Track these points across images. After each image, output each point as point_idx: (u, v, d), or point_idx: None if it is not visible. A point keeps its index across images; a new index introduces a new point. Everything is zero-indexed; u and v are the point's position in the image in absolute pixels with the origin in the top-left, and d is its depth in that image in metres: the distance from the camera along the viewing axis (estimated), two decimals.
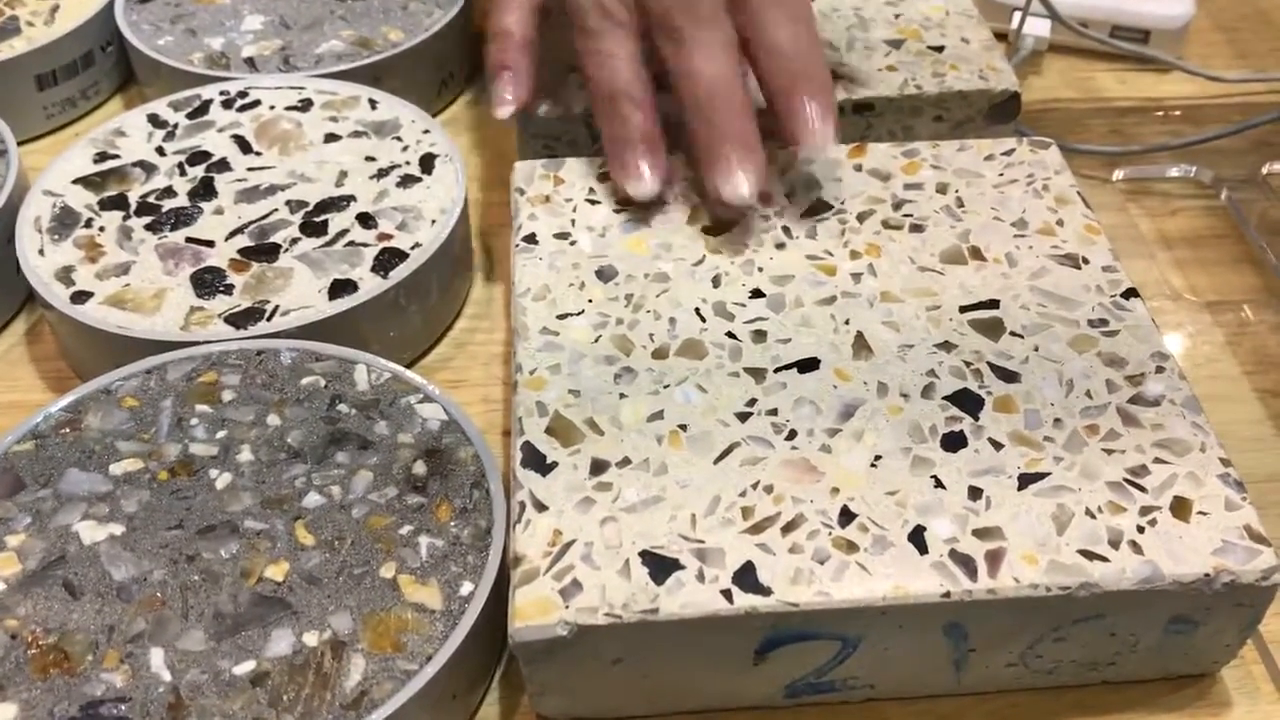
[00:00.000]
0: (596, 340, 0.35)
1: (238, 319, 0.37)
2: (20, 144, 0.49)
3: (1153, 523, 0.30)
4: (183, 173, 0.42)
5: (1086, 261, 0.37)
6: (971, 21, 0.47)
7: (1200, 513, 0.30)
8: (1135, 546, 0.29)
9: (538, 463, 0.31)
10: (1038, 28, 0.53)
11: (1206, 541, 0.29)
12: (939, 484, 0.30)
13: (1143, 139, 0.49)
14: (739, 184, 0.37)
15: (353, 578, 0.30)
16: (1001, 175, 0.40)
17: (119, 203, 0.41)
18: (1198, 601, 0.29)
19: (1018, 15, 0.53)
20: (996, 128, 0.45)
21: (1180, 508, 0.30)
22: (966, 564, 0.29)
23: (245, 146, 0.43)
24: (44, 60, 0.48)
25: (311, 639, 0.29)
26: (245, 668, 0.28)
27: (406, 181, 0.41)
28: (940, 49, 0.46)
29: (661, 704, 0.31)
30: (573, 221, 0.38)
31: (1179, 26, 0.52)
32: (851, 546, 0.29)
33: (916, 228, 0.38)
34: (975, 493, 0.30)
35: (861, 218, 0.38)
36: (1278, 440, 0.38)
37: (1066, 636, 0.30)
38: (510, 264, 0.38)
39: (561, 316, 0.35)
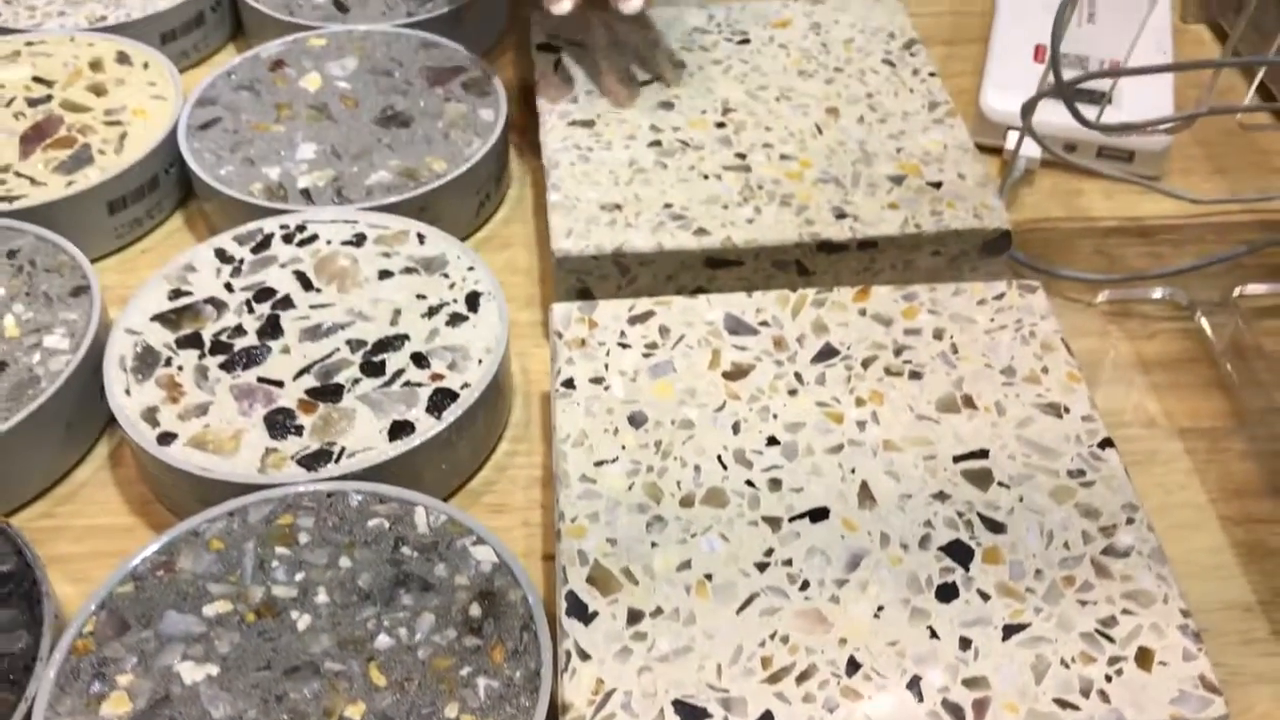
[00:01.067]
0: (630, 488, 0.39)
1: (309, 461, 0.41)
2: (92, 262, 0.53)
3: (1119, 672, 0.34)
4: (250, 310, 0.46)
5: (1068, 410, 0.41)
6: (967, 156, 0.52)
7: (1161, 663, 0.34)
8: (1103, 695, 0.33)
9: (580, 612, 0.36)
10: (1030, 147, 0.57)
11: (1165, 691, 0.34)
12: (934, 634, 0.35)
13: (1125, 259, 0.53)
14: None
15: (421, 717, 0.34)
16: (993, 320, 0.44)
17: (194, 341, 0.45)
18: None
19: (1012, 135, 0.57)
20: (990, 259, 0.50)
21: (1143, 658, 0.34)
22: (956, 712, 0.33)
23: (306, 283, 0.47)
24: (115, 188, 0.52)
25: None
26: None
27: (455, 320, 0.46)
28: (938, 185, 0.50)
29: None
30: (606, 366, 0.43)
31: (1161, 149, 0.56)
32: (857, 695, 0.34)
33: (915, 374, 0.42)
34: (965, 643, 0.35)
35: (866, 364, 0.43)
36: (1237, 568, 0.42)
37: None
38: (550, 404, 0.42)
39: (598, 464, 0.40)
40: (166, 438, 0.42)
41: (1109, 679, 0.34)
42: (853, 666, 0.34)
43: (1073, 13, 0.46)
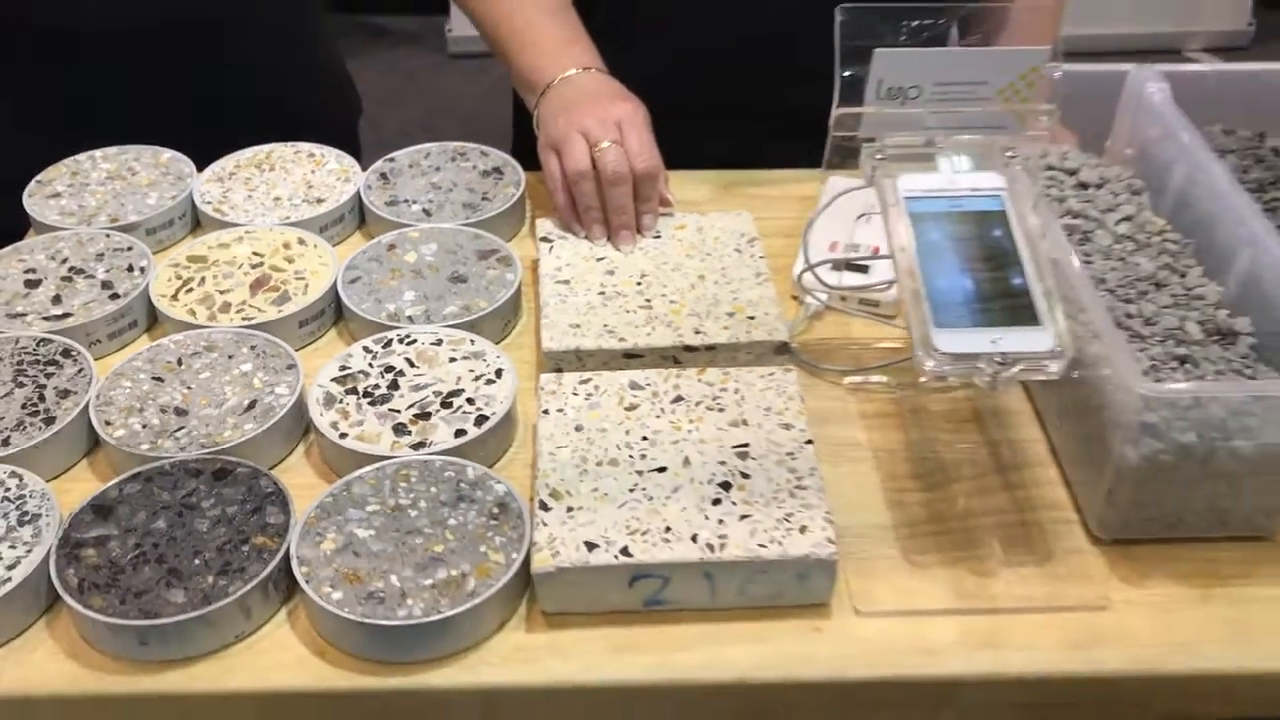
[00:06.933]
0: (572, 457, 0.80)
1: (415, 447, 0.82)
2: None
3: (789, 534, 0.74)
4: (383, 377, 0.87)
5: (791, 426, 0.82)
6: (771, 303, 0.93)
7: (805, 529, 0.74)
8: (780, 544, 0.73)
9: (544, 508, 0.76)
10: (821, 298, 0.99)
11: (810, 540, 0.73)
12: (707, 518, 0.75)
13: (864, 359, 0.94)
14: (624, 244, 0.95)
15: (476, 551, 0.75)
16: (766, 385, 0.85)
17: (353, 392, 0.86)
18: None
19: (810, 285, 0.99)
20: (780, 357, 0.91)
21: (803, 529, 0.74)
22: (710, 549, 0.73)
23: (411, 364, 0.89)
24: (304, 315, 0.95)
25: None
26: None
27: (489, 382, 0.87)
28: (752, 317, 0.92)
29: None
30: (565, 404, 0.84)
31: (893, 299, 0.97)
32: (668, 543, 0.74)
33: (721, 409, 0.83)
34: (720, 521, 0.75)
35: (697, 404, 0.84)
36: (886, 511, 0.81)
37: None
38: (536, 423, 0.83)
39: (559, 447, 0.80)
40: (342, 435, 0.83)
41: (784, 538, 0.74)
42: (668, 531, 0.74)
43: (811, 225, 0.89)
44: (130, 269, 0.99)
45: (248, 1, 1.23)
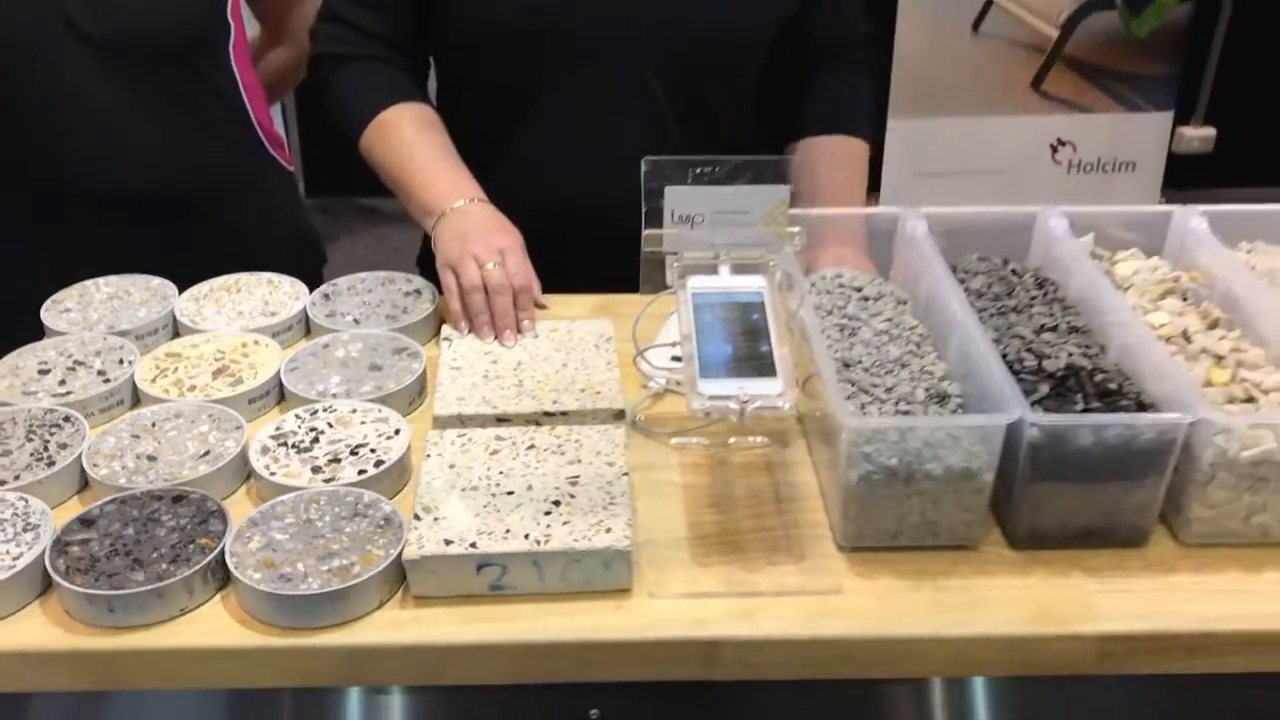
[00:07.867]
0: (444, 488, 1.06)
1: (326, 481, 1.08)
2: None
3: (596, 532, 0.99)
4: (307, 434, 1.14)
5: (614, 464, 1.08)
6: (615, 384, 1.20)
7: (610, 530, 0.99)
8: (589, 538, 0.99)
9: (418, 519, 1.01)
10: (660, 381, 1.26)
11: (613, 538, 0.99)
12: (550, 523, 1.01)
13: (689, 426, 1.21)
14: (507, 340, 1.21)
15: (363, 549, 1.00)
16: (603, 438, 1.12)
17: (284, 444, 1.13)
18: None
19: (647, 375, 1.26)
20: (618, 422, 1.17)
21: (608, 529, 0.99)
22: (539, 543, 0.98)
23: (330, 425, 1.15)
24: (252, 394, 1.22)
25: None
26: None
27: (390, 439, 1.13)
28: (599, 392, 1.19)
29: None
30: (443, 451, 1.10)
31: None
32: (508, 543, 0.99)
33: (562, 454, 1.09)
34: (550, 519, 1.00)
35: (545, 452, 1.10)
36: (685, 529, 1.07)
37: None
38: (422, 465, 1.09)
39: (433, 479, 1.07)
40: (272, 474, 1.09)
41: (593, 535, 0.99)
42: (514, 533, 1.00)
43: (635, 325, 1.17)
44: (121, 362, 1.27)
45: (215, 175, 1.57)
